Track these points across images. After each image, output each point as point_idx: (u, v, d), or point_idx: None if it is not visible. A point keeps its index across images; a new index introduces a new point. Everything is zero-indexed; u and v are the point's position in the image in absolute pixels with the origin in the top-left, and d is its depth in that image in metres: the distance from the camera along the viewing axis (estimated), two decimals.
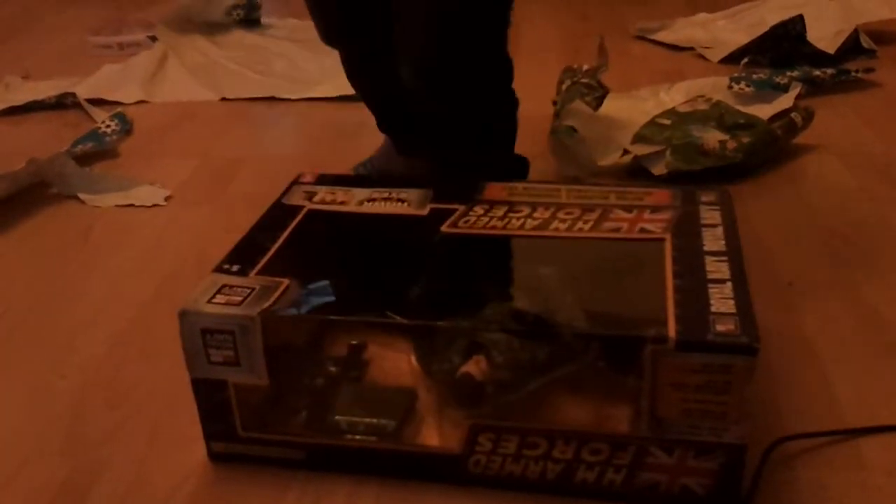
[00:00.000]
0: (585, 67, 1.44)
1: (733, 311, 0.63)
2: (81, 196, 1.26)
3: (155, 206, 1.23)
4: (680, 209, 0.78)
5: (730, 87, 1.43)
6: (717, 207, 0.79)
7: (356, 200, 0.83)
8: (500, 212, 0.79)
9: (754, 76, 1.46)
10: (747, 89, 1.42)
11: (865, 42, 1.71)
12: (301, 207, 0.82)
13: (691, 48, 1.83)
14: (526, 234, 0.76)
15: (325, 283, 0.71)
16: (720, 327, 0.61)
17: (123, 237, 1.15)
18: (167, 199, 1.25)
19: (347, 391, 0.68)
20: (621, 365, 0.62)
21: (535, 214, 0.79)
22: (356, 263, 0.74)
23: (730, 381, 0.61)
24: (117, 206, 1.23)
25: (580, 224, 0.77)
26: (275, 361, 0.67)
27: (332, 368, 0.67)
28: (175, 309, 0.67)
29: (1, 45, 2.10)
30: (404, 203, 0.82)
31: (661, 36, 1.90)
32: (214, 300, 0.68)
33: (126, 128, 1.48)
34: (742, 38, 1.74)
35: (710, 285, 0.67)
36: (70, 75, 1.80)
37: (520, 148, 1.06)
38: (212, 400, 0.70)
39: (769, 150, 1.24)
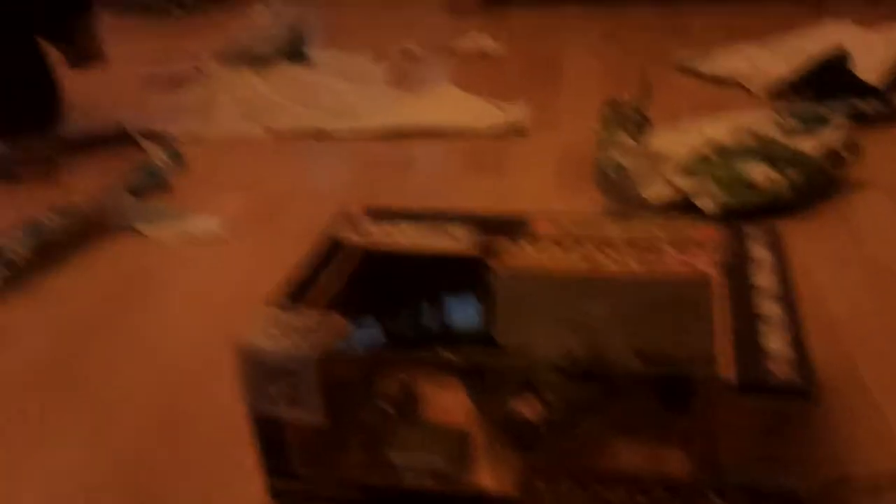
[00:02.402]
0: (628, 99, 1.45)
1: (788, 352, 0.63)
2: (137, 228, 1.29)
3: (209, 238, 1.26)
4: (727, 245, 0.78)
5: (774, 120, 1.42)
6: (765, 243, 0.79)
7: (404, 235, 0.84)
8: (547, 247, 0.80)
9: (799, 109, 1.46)
10: (792, 122, 1.41)
11: None
12: (349, 241, 0.84)
13: (733, 79, 1.83)
14: (573, 270, 0.76)
15: (377, 319, 0.72)
16: (775, 369, 0.61)
17: (178, 270, 1.18)
18: (221, 232, 1.28)
19: (402, 429, 0.69)
20: (675, 406, 0.62)
21: (582, 250, 0.79)
22: (407, 299, 0.75)
23: (785, 425, 0.61)
24: (172, 238, 1.26)
25: (627, 259, 0.77)
26: (331, 399, 0.69)
27: (387, 406, 0.68)
28: (230, 343, 0.69)
29: None
30: (453, 238, 0.83)
31: (703, 67, 1.91)
32: (271, 335, 0.69)
33: (178, 161, 1.52)
34: (784, 69, 1.74)
35: (762, 325, 0.66)
36: (123, 108, 1.85)
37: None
38: (270, 437, 0.71)
39: (816, 185, 1.24)
